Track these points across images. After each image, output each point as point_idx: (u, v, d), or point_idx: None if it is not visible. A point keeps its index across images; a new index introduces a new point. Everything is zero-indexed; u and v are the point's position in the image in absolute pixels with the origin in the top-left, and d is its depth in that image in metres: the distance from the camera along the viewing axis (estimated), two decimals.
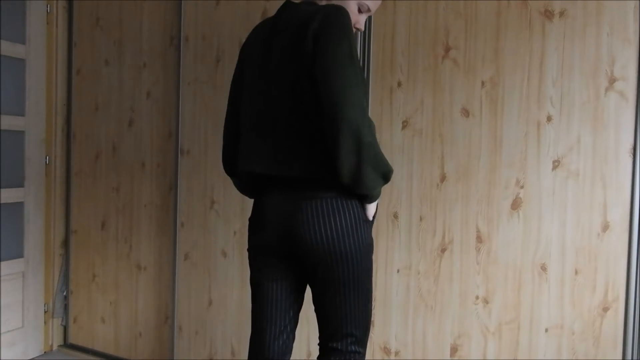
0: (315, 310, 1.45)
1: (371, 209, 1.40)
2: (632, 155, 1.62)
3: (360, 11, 1.48)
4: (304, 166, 1.33)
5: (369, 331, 1.44)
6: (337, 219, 1.34)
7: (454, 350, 1.88)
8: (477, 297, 1.84)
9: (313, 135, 1.31)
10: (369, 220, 1.40)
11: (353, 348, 1.40)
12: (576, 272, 1.70)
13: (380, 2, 1.52)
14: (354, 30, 1.49)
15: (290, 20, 1.38)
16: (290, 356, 1.57)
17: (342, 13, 1.32)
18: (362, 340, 1.42)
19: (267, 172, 1.39)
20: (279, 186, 1.42)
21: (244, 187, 1.57)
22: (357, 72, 1.28)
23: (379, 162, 1.29)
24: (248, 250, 1.53)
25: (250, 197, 1.59)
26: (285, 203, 1.40)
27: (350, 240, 1.34)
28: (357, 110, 1.24)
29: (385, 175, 1.33)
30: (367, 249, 1.37)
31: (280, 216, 1.41)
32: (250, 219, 1.51)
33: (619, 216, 1.64)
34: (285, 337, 1.53)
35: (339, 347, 1.40)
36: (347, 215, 1.34)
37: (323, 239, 1.33)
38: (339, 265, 1.34)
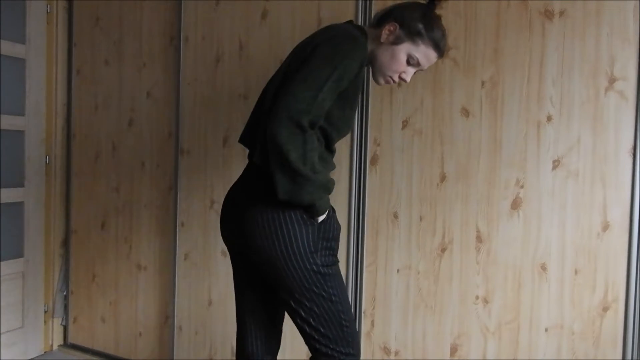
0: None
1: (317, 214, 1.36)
2: (632, 155, 1.62)
3: (409, 63, 1.40)
4: (262, 154, 1.34)
5: (346, 328, 1.38)
6: (273, 221, 1.31)
7: (453, 350, 1.88)
8: (477, 297, 1.84)
9: None
10: (309, 222, 1.34)
11: (329, 347, 1.38)
12: (576, 272, 1.70)
13: (434, 60, 1.42)
14: (396, 79, 1.43)
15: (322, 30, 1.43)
16: (273, 356, 1.57)
17: (348, 39, 1.31)
18: (336, 339, 1.37)
19: (243, 144, 1.47)
20: (244, 171, 1.47)
21: None
22: (317, 94, 1.23)
23: (311, 173, 1.25)
24: None
25: None
26: (236, 197, 1.44)
27: (281, 242, 1.31)
28: (292, 120, 1.20)
29: (324, 185, 1.29)
30: (303, 250, 1.32)
31: (231, 215, 1.45)
32: None
33: (618, 216, 1.64)
34: (265, 335, 1.53)
35: (318, 348, 1.39)
36: (282, 216, 1.31)
37: (258, 241, 1.33)
38: (272, 267, 1.33)
